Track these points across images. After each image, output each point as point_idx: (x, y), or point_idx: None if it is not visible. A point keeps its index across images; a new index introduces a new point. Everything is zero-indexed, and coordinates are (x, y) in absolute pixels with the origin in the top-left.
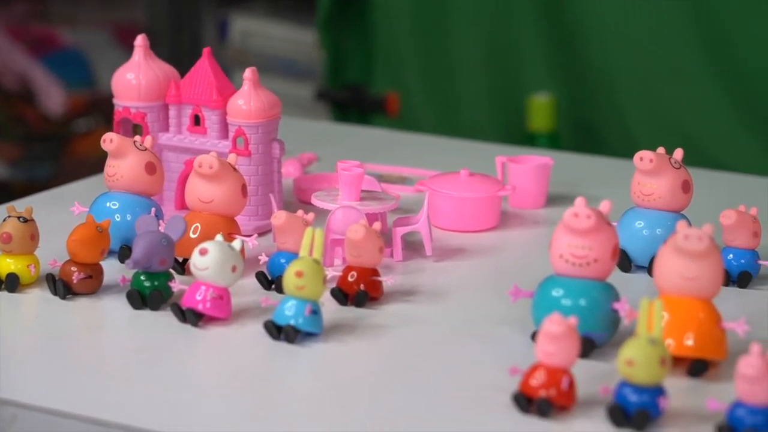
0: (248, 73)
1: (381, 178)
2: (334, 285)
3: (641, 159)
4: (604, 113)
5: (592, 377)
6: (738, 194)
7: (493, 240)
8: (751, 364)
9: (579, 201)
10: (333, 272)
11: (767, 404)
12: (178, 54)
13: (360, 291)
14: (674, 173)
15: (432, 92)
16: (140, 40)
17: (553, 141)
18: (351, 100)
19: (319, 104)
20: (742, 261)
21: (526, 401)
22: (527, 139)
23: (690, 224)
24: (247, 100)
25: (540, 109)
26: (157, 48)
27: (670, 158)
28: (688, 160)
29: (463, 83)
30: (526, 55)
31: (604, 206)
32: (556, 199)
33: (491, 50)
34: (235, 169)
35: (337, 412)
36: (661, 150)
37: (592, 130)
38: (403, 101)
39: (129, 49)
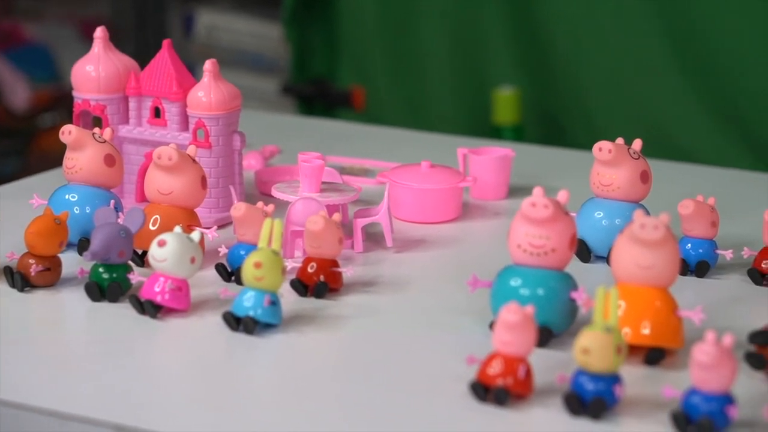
0: (208, 65)
1: (343, 171)
2: (294, 276)
3: (600, 149)
4: (569, 106)
5: (550, 366)
6: (702, 185)
7: (454, 231)
8: (706, 352)
9: (537, 191)
10: (293, 264)
11: (721, 391)
12: (144, 49)
13: (319, 282)
14: (633, 164)
15: (397, 86)
16: (99, 32)
17: (518, 134)
18: (316, 94)
19: (285, 98)
20: (700, 250)
21: (483, 390)
22: (493, 132)
23: (648, 214)
24: (208, 92)
25: (505, 102)
26: (122, 43)
27: (628, 149)
28: (653, 152)
29: (428, 77)
30: (492, 49)
31: (562, 196)
32: (518, 191)
33: (456, 44)
34: (194, 160)
35: (295, 403)
36: (620, 141)
37: (558, 122)
38: (368, 95)
39: None
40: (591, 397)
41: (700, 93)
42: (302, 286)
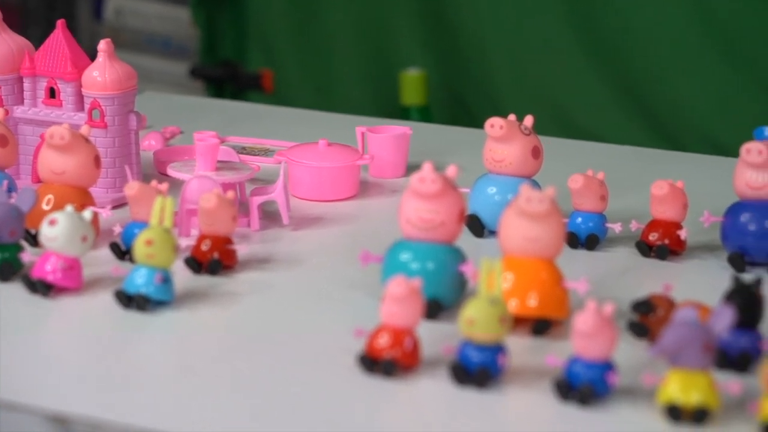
0: (102, 44)
1: (243, 150)
2: (188, 254)
3: (492, 126)
4: (475, 86)
5: (439, 338)
6: (597, 161)
7: (351, 209)
8: (585, 320)
9: (426, 166)
10: (188, 242)
11: (602, 359)
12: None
13: (213, 259)
14: (524, 140)
15: (306, 69)
16: None
17: (425, 114)
18: (226, 77)
19: (195, 81)
20: (590, 224)
21: (371, 362)
22: (401, 113)
23: (540, 188)
24: (102, 71)
25: (412, 83)
26: (31, 27)
27: (520, 125)
28: (557, 131)
29: (336, 59)
30: (399, 31)
31: (451, 171)
32: (417, 169)
33: (364, 26)
34: (87, 140)
35: (187, 379)
36: (511, 117)
37: (464, 103)
38: (277, 78)
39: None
40: (476, 367)
41: (601, 72)
42: (196, 264)
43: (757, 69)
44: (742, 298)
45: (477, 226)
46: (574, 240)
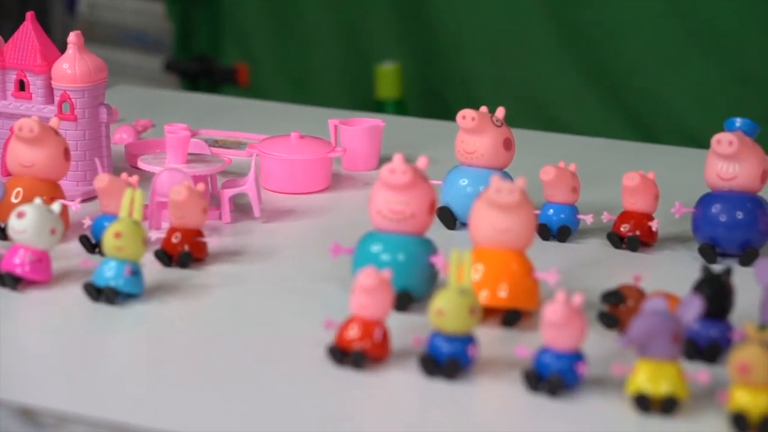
0: (72, 37)
1: (216, 143)
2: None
3: (463, 117)
4: (451, 80)
5: (410, 330)
6: (571, 153)
7: (323, 201)
8: (555, 311)
9: (396, 157)
10: (159, 235)
11: (572, 349)
12: None
13: (184, 252)
14: (496, 131)
15: (282, 62)
16: None
17: (401, 108)
18: (200, 71)
19: (169, 76)
20: (562, 216)
21: (341, 354)
22: (376, 107)
23: (511, 180)
24: (72, 64)
25: (387, 77)
26: (4, 22)
27: (492, 117)
28: (533, 124)
29: (312, 53)
30: (375, 24)
31: (421, 162)
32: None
33: (340, 19)
34: (57, 133)
35: (156, 371)
36: (483, 109)
37: (440, 96)
38: (253, 72)
39: None
40: (445, 359)
41: (578, 65)
42: (166, 257)
43: (734, 61)
44: (711, 288)
45: (449, 218)
46: (545, 231)
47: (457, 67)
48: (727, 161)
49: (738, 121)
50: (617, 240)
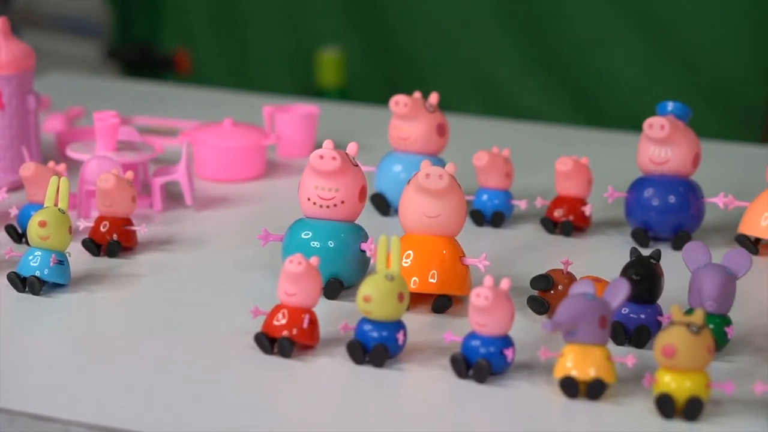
0: None
1: (149, 131)
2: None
3: (396, 103)
4: (398, 67)
5: (340, 317)
6: (518, 140)
7: (257, 189)
8: (482, 295)
9: (326, 143)
10: (87, 224)
11: (499, 334)
12: None
13: (112, 241)
14: (429, 117)
15: (223, 48)
16: None
17: (343, 96)
18: (140, 59)
19: (110, 63)
20: (496, 201)
21: (268, 341)
22: (318, 94)
23: (443, 165)
24: None
25: (329, 64)
26: None
27: (425, 102)
28: (485, 109)
29: (254, 38)
30: (318, 10)
31: (351, 148)
32: None
33: (283, 3)
34: None
35: (83, 361)
36: (417, 95)
37: (387, 84)
38: (194, 58)
39: None
40: (374, 345)
41: (528, 50)
42: (94, 246)
43: (682, 48)
44: (639, 271)
45: (382, 205)
46: (479, 217)
47: (405, 54)
48: (659, 145)
49: (670, 105)
50: (551, 225)
